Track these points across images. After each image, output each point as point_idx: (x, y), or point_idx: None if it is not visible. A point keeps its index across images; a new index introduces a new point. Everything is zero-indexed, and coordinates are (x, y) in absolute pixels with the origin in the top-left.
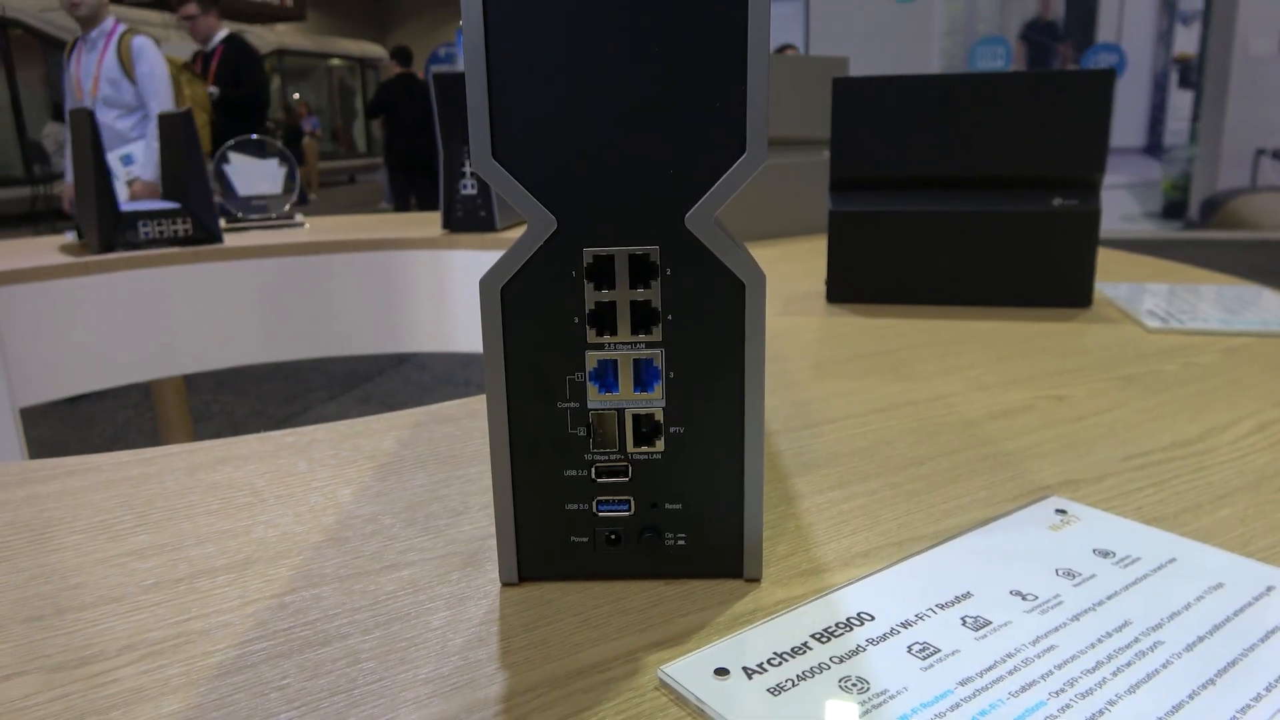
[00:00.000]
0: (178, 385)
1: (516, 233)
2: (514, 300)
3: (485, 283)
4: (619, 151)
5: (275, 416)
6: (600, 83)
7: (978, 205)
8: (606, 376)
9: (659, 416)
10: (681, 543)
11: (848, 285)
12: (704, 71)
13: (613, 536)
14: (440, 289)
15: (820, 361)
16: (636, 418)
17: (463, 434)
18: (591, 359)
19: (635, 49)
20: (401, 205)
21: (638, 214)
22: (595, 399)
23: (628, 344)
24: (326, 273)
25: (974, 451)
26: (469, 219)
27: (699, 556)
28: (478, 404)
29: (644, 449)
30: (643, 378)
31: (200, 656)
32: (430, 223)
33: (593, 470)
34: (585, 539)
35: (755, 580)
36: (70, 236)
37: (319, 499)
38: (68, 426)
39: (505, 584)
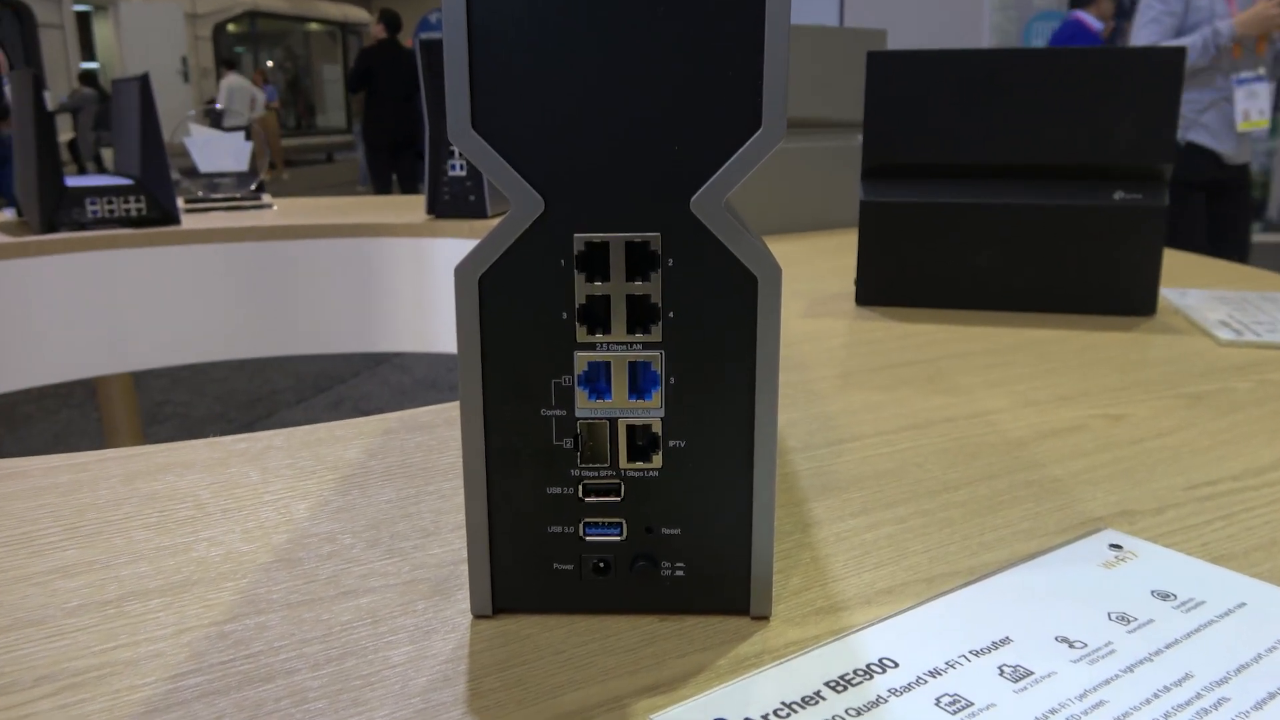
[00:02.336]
0: (126, 383)
1: None
2: (494, 291)
3: (461, 271)
4: (617, 125)
5: (236, 421)
6: (597, 47)
7: (1029, 197)
8: (598, 380)
9: (657, 428)
10: (680, 573)
11: (880, 286)
12: (716, 36)
13: (601, 564)
14: (423, 282)
15: (846, 371)
16: (631, 428)
17: (438, 444)
18: (581, 360)
19: (639, 8)
20: (381, 188)
21: (637, 196)
22: (584, 406)
23: (623, 344)
24: (296, 261)
25: (1018, 476)
26: (457, 204)
27: (699, 589)
28: (456, 410)
29: (639, 465)
30: (639, 383)
31: (126, 691)
32: (413, 207)
33: (580, 488)
34: (569, 566)
35: (763, 618)
36: (9, 214)
37: (271, 514)
38: (2, 426)
39: (477, 616)
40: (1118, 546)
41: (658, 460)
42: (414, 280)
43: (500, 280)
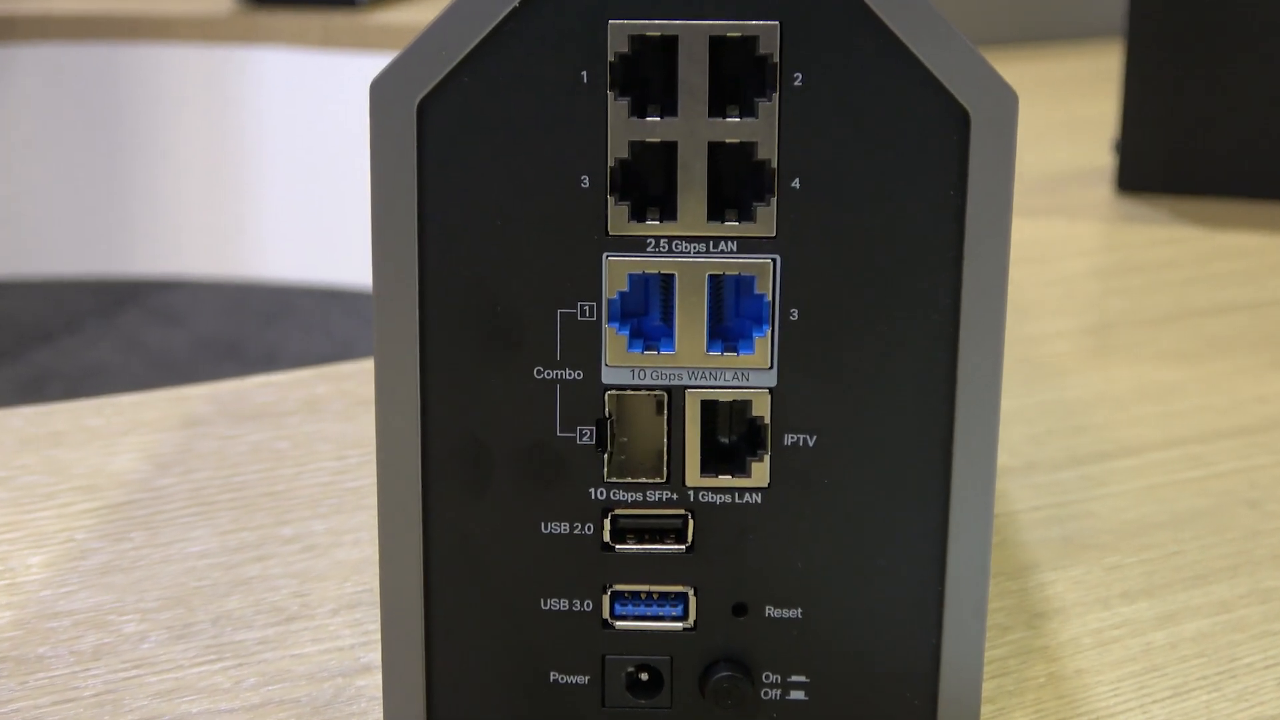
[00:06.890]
0: None
1: (405, 13)
2: (447, 131)
3: (384, 88)
4: None
5: None
6: None
7: None
8: (648, 312)
9: (762, 408)
10: (797, 695)
11: (1164, 157)
12: None
13: (644, 675)
14: (223, 134)
15: (1103, 322)
16: (711, 408)
17: (296, 445)
18: (617, 271)
19: None
20: None
21: None
22: (620, 362)
23: (700, 240)
24: None
25: None
26: None
27: None
28: (320, 380)
29: (725, 481)
30: (730, 319)
31: None
32: None
33: (607, 522)
34: (582, 679)
35: None
36: None
37: None
38: None
39: None
40: None
41: (761, 473)
42: (204, 132)
43: (462, 110)
